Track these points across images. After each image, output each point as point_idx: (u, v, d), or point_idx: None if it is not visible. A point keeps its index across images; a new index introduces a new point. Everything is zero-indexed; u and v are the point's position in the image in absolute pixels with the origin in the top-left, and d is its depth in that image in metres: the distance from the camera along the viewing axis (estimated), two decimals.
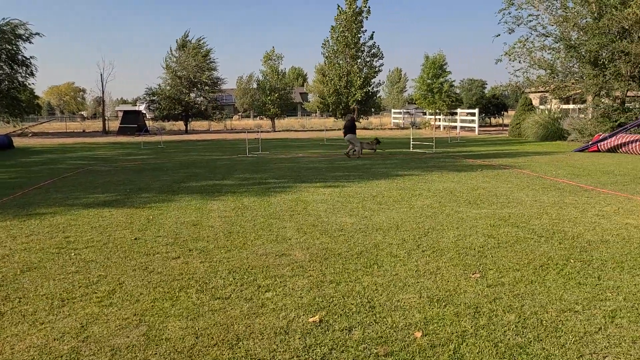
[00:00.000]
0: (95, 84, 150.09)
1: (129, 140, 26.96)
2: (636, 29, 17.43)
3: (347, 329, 3.44)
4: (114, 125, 39.75)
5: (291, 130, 36.84)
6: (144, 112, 42.53)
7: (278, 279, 4.47)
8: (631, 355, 3.05)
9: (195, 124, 43.14)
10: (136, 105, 63.75)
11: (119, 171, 12.70)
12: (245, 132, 21.99)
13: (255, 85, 41.57)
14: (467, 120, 31.28)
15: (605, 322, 3.50)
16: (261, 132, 30.39)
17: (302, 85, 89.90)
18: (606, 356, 3.05)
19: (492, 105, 40.26)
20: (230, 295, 4.10)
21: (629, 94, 19.00)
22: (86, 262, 5.04)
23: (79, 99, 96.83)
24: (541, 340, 3.26)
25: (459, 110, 32.96)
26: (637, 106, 18.31)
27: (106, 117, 40.12)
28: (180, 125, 39.35)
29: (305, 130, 36.69)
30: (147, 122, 38.27)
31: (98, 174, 12.25)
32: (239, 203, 8.06)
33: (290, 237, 5.90)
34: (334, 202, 8.04)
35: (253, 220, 6.84)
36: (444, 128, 33.37)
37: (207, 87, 36.70)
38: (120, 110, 61.17)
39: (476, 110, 29.86)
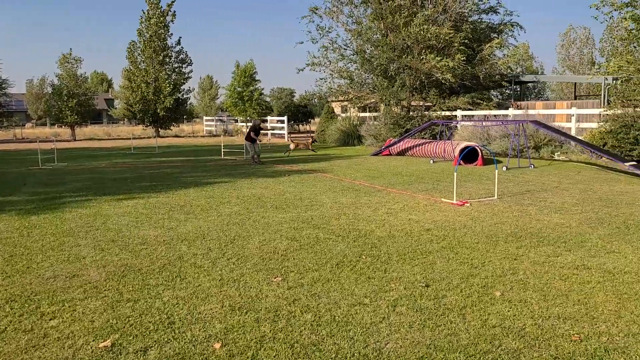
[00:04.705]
0: None
1: None
2: (415, 46, 19.81)
3: (143, 350, 3.27)
4: None
5: (95, 139, 34.20)
6: None
7: (67, 303, 4.07)
8: (408, 339, 3.41)
9: None
10: None
11: None
12: (37, 142, 19.76)
13: (50, 90, 37.60)
14: (277, 127, 32.32)
15: (388, 311, 3.87)
16: (58, 141, 27.61)
17: (107, 91, 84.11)
18: (388, 342, 3.36)
19: (300, 113, 42.25)
20: (6, 328, 3.61)
21: (412, 103, 21.50)
22: None
23: None
24: (333, 335, 3.47)
25: (269, 118, 33.92)
26: (419, 114, 20.79)
27: None
28: None
29: (111, 139, 34.37)
30: None
31: None
32: (26, 222, 7.18)
33: (84, 256, 5.43)
34: (137, 214, 7.63)
35: (41, 239, 6.14)
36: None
37: None
38: None
39: (285, 118, 31.01)
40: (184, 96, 36.11)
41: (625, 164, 11.51)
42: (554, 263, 5.01)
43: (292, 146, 19.20)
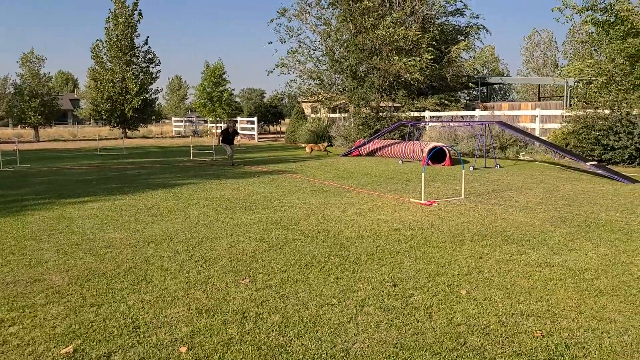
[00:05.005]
0: None
1: None
2: (384, 48, 19.99)
3: (106, 356, 3.20)
4: None
5: (60, 140, 33.40)
6: None
7: (27, 309, 3.96)
8: (375, 338, 3.43)
9: None
10: None
11: None
12: None
13: (12, 90, 36.53)
14: (247, 128, 32.14)
15: (356, 311, 3.88)
16: (21, 142, 26.88)
17: (73, 91, 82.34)
18: (355, 342, 3.37)
19: (270, 114, 42.12)
20: None
21: (381, 104, 21.68)
22: None
23: None
24: (301, 336, 3.47)
25: (239, 118, 33.71)
26: (388, 115, 20.98)
27: None
28: None
29: (77, 140, 33.62)
30: None
31: None
32: None
33: (47, 260, 5.29)
34: (103, 217, 7.48)
35: (1, 244, 5.96)
36: None
37: None
38: None
39: (255, 119, 30.86)
40: (152, 96, 35.61)
41: (587, 163, 11.84)
42: (518, 261, 5.12)
43: (319, 147, 19.14)
